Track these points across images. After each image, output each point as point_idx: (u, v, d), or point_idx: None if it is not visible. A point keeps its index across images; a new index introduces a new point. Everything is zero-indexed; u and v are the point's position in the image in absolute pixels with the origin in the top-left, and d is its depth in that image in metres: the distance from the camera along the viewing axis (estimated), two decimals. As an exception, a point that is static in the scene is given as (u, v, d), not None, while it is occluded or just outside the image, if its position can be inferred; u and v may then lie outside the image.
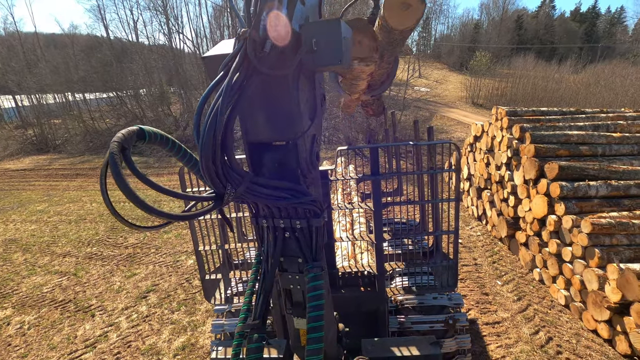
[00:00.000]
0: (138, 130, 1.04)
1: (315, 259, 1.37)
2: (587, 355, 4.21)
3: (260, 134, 1.32)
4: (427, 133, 3.82)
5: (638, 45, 46.07)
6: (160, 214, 0.98)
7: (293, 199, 1.27)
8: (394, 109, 18.54)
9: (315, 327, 1.30)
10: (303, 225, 1.33)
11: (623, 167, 5.53)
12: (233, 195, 1.10)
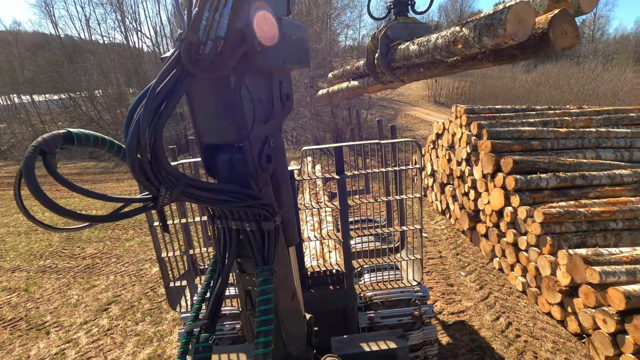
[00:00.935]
0: (65, 134, 1.01)
1: (266, 262, 1.36)
2: (542, 337, 4.50)
3: (208, 136, 1.31)
4: (391, 132, 3.92)
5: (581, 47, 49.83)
6: (77, 217, 0.98)
7: (238, 202, 1.26)
8: (359, 108, 18.83)
9: (263, 331, 1.30)
10: (253, 228, 1.33)
11: (569, 160, 5.96)
12: (169, 197, 1.09)
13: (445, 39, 2.27)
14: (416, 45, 2.64)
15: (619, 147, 6.47)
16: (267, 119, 1.32)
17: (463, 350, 4.35)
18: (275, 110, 1.36)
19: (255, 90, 1.26)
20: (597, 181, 5.61)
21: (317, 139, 17.12)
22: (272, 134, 1.34)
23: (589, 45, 49.77)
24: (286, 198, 1.73)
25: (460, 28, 2.09)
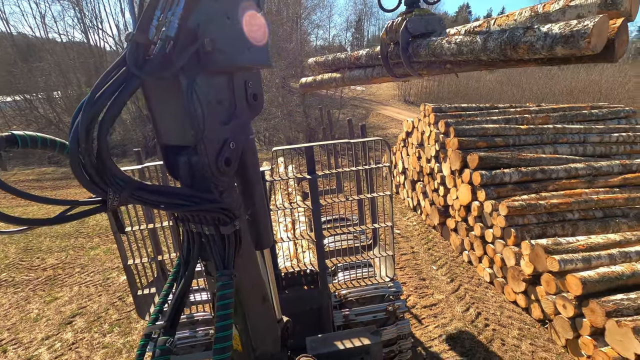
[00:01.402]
0: (8, 136, 0.99)
1: (226, 266, 1.35)
2: (509, 324, 4.71)
3: (166, 137, 1.28)
4: (360, 131, 3.97)
5: (539, 47, 52.45)
6: (14, 221, 0.96)
7: (194, 206, 1.24)
8: (331, 107, 18.94)
9: (221, 337, 1.28)
10: (212, 232, 1.31)
11: (530, 155, 6.28)
12: (118, 200, 1.08)
13: (499, 43, 2.22)
14: (454, 44, 2.54)
15: (573, 142, 6.88)
16: (228, 120, 1.30)
17: (436, 341, 4.49)
18: (238, 111, 1.34)
19: (213, 91, 1.23)
20: (555, 175, 5.94)
21: (289, 139, 17.05)
22: (233, 135, 1.31)
23: (546, 46, 52.46)
24: (259, 200, 1.71)
25: (523, 33, 2.04)
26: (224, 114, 1.29)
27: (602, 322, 3.67)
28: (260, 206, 1.74)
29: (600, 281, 3.96)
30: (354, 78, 3.87)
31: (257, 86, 1.46)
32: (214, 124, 1.23)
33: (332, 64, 4.11)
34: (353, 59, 3.77)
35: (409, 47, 2.76)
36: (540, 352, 4.26)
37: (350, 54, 3.83)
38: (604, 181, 5.91)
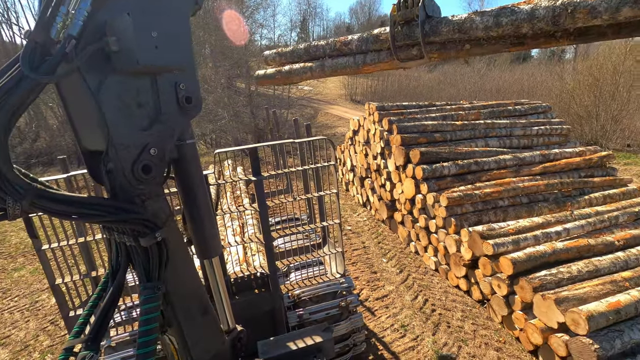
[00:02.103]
0: None
1: (149, 279, 1.29)
2: (453, 308, 5.04)
3: (84, 141, 1.19)
4: (306, 130, 3.98)
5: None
6: None
7: (107, 217, 1.16)
8: (278, 107, 18.80)
9: (142, 354, 1.23)
10: (132, 244, 1.24)
11: (465, 149, 6.77)
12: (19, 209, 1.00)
13: (551, 10, 2.12)
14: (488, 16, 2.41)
15: (501, 135, 7.54)
16: (149, 124, 1.22)
17: (388, 331, 4.66)
18: (164, 115, 1.27)
19: (128, 93, 1.15)
20: (487, 166, 6.47)
21: (238, 141, 16.64)
22: (157, 141, 1.24)
23: (476, 48, 56.83)
24: (203, 208, 1.64)
25: None
26: (145, 118, 1.21)
27: (530, 297, 4.07)
28: (205, 214, 1.67)
29: (528, 260, 4.38)
30: (337, 66, 3.52)
31: (191, 89, 1.38)
32: (129, 128, 1.15)
33: (306, 54, 3.75)
34: (339, 45, 3.44)
35: (425, 24, 2.65)
36: (481, 330, 4.61)
37: (335, 40, 3.50)
38: (527, 170, 6.56)
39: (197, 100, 1.41)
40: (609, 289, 3.95)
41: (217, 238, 1.84)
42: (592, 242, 4.70)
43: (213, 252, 1.82)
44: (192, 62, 1.38)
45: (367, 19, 63.83)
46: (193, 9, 1.41)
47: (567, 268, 4.29)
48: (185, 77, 1.36)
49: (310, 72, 3.68)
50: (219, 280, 1.96)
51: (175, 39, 1.27)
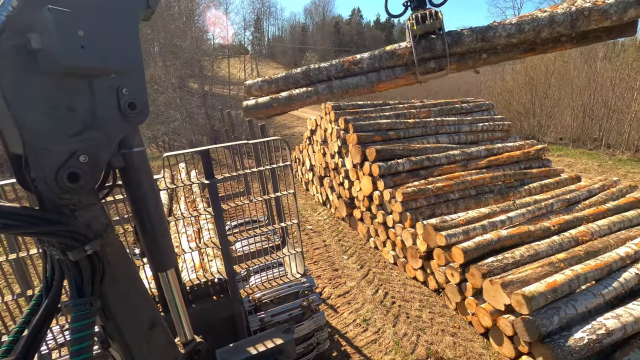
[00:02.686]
0: None
1: (81, 295, 1.22)
2: (411, 299, 5.24)
3: (10, 145, 1.10)
4: (260, 131, 3.94)
5: (420, 50, 59.38)
6: None
7: (24, 227, 1.08)
8: (236, 108, 18.41)
9: None
10: (61, 257, 1.16)
11: (418, 146, 7.06)
12: None
13: (569, 15, 2.55)
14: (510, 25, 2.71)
15: (450, 132, 7.96)
16: (81, 130, 1.14)
17: (351, 326, 4.74)
18: (100, 121, 1.19)
19: (55, 96, 1.07)
20: (438, 161, 6.80)
21: (192, 143, 16.04)
22: (88, 148, 1.16)
23: (426, 49, 59.55)
24: (155, 219, 1.57)
25: (592, 4, 2.49)
26: (77, 123, 1.13)
27: (479, 283, 4.34)
28: (158, 225, 1.60)
29: (477, 249, 4.67)
30: (348, 86, 3.37)
31: (136, 94, 1.30)
32: (54, 132, 1.07)
33: (305, 78, 3.49)
34: (348, 65, 3.34)
35: (446, 36, 2.79)
36: (437, 317, 4.84)
37: (341, 60, 3.39)
38: (474, 164, 6.98)
39: (142, 106, 1.34)
40: (547, 270, 4.31)
41: (171, 249, 1.77)
42: (532, 229, 5.11)
43: (168, 265, 1.75)
44: (137, 66, 1.31)
45: (322, 19, 64.42)
46: (143, 12, 1.34)
47: (511, 254, 4.62)
48: (129, 82, 1.29)
49: (316, 95, 3.43)
50: (175, 291, 1.88)
51: (111, 40, 1.20)
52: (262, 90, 3.63)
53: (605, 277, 4.37)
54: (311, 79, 3.50)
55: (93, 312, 1.20)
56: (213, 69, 19.95)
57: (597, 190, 6.58)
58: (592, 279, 4.29)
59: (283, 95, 3.49)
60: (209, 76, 19.38)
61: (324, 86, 3.41)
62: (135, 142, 1.50)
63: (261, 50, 55.40)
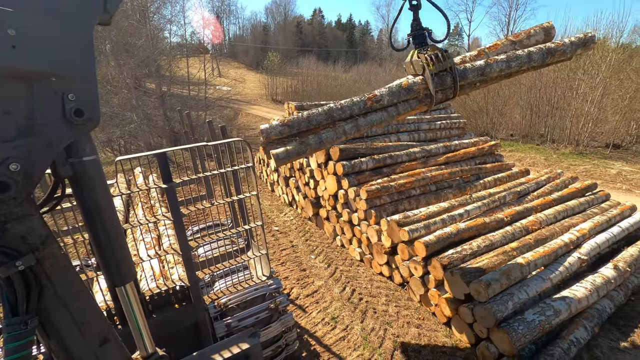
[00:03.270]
0: None
1: (15, 314, 1.13)
2: (378, 294, 5.36)
3: None
4: (221, 132, 3.85)
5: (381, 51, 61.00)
6: None
7: None
8: (196, 109, 17.86)
9: None
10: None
11: (380, 144, 7.22)
12: None
13: (542, 54, 3.63)
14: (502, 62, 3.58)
15: (410, 130, 8.23)
16: (15, 135, 1.06)
17: (320, 325, 4.76)
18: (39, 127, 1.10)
19: None
20: (400, 159, 7.00)
21: (151, 146, 15.35)
22: (22, 156, 1.07)
23: (387, 49, 61.07)
24: (111, 230, 1.48)
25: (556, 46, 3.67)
26: (10, 128, 1.04)
27: (441, 274, 4.52)
28: (113, 237, 1.52)
29: (437, 242, 4.86)
30: (372, 122, 3.74)
31: (85, 100, 1.23)
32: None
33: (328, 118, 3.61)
34: (370, 103, 3.61)
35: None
36: (403, 310, 4.99)
37: (364, 99, 3.60)
38: (434, 161, 7.26)
39: (91, 113, 1.26)
40: (501, 259, 4.58)
41: (129, 261, 1.69)
42: (487, 220, 5.40)
43: (126, 278, 1.67)
44: (87, 70, 1.24)
45: (284, 19, 64.11)
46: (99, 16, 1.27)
47: (469, 245, 4.86)
48: (77, 87, 1.21)
49: (344, 135, 3.69)
50: (135, 304, 1.79)
51: (51, 42, 1.12)
52: (282, 135, 3.66)
53: (552, 262, 4.72)
54: (334, 119, 3.68)
55: (29, 332, 1.11)
56: (171, 69, 19.17)
57: (543, 182, 7.08)
58: (541, 265, 4.62)
59: (313, 140, 3.63)
60: (167, 76, 18.61)
61: (351, 125, 3.67)
62: (86, 150, 1.42)
63: (222, 49, 54.11)
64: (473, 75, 3.59)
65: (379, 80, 29.36)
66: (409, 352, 4.26)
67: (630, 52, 15.75)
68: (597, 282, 4.53)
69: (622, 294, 4.84)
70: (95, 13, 1.25)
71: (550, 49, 3.70)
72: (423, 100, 3.72)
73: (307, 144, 3.66)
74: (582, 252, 4.92)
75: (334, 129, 3.70)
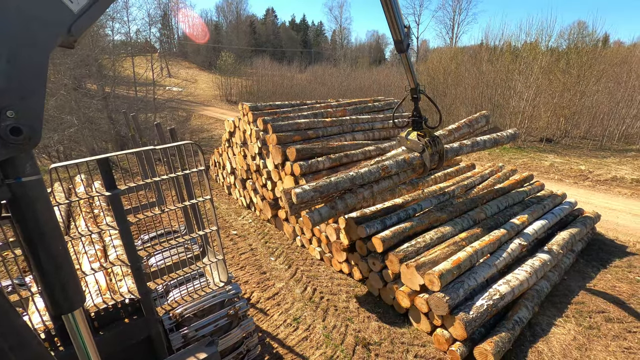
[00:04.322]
0: None
1: None
2: (339, 291, 5.43)
3: None
4: (170, 135, 3.68)
5: (335, 52, 61.86)
6: None
7: None
8: (145, 111, 16.93)
9: None
10: None
11: (336, 144, 7.32)
12: None
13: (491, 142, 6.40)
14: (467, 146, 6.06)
15: (365, 129, 8.43)
16: None
17: (282, 327, 4.73)
18: None
19: None
20: (356, 157, 7.13)
21: (94, 151, 14.31)
22: None
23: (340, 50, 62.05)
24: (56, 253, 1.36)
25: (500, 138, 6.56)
26: None
27: (397, 268, 4.69)
28: (60, 263, 1.40)
29: (393, 237, 5.03)
30: (382, 189, 5.41)
31: (26, 118, 1.16)
32: None
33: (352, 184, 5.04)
34: (383, 173, 5.24)
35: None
36: (364, 305, 5.10)
37: (379, 169, 5.20)
38: (388, 158, 7.50)
39: (31, 133, 1.20)
40: (452, 249, 4.85)
41: (77, 286, 1.57)
42: (438, 213, 5.69)
43: (75, 304, 1.55)
44: (30, 88, 1.17)
45: (236, 18, 62.77)
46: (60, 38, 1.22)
47: (422, 238, 5.09)
48: (17, 104, 1.13)
49: (363, 200, 5.26)
50: (83, 329, 1.67)
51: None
52: (313, 200, 4.89)
53: (497, 249, 5.08)
54: (355, 184, 5.09)
55: None
56: (115, 69, 17.95)
57: (487, 175, 7.60)
58: (488, 253, 4.95)
59: (341, 204, 5.07)
60: (111, 76, 17.40)
61: (368, 192, 5.31)
62: (26, 169, 1.31)
63: (171, 48, 51.72)
64: (451, 154, 5.75)
65: (333, 82, 29.74)
66: (370, 345, 4.37)
67: (558, 55, 17.40)
68: (536, 265, 4.95)
69: (556, 274, 5.34)
70: (54, 36, 1.20)
71: (496, 139, 6.46)
72: (417, 170, 5.58)
73: (335, 208, 5.09)
74: (522, 239, 5.35)
75: (356, 194, 5.21)
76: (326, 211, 5.01)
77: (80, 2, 1.30)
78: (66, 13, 1.26)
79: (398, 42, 4.82)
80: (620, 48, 23.91)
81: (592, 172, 11.63)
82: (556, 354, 4.20)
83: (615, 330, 4.54)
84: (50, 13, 1.22)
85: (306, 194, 4.76)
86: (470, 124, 6.83)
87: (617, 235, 7.28)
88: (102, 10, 1.47)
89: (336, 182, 4.88)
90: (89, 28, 1.64)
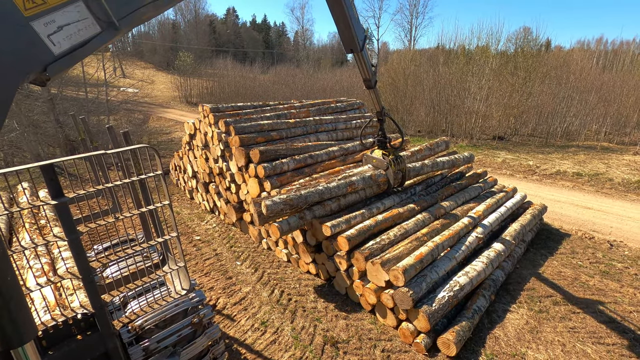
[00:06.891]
0: None
1: None
2: (306, 292, 5.43)
3: None
4: (124, 139, 3.51)
5: (298, 53, 61.88)
6: None
7: None
8: (97, 114, 15.96)
9: None
10: None
11: (300, 145, 7.32)
12: None
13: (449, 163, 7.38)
14: (428, 166, 6.76)
15: (328, 130, 8.51)
16: None
17: (249, 332, 4.64)
18: None
19: None
20: (320, 158, 7.18)
21: (40, 157, 13.26)
22: None
23: (303, 51, 62.18)
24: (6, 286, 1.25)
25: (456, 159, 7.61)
26: None
27: (363, 266, 4.77)
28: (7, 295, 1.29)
29: (358, 235, 5.11)
30: (349, 203, 5.89)
31: None
32: None
33: (320, 197, 5.41)
34: (350, 190, 5.73)
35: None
36: (331, 305, 5.14)
37: (347, 185, 5.66)
38: (351, 158, 7.62)
39: None
40: (415, 245, 5.02)
41: (29, 319, 1.45)
42: (401, 210, 5.86)
43: (26, 337, 1.44)
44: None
45: (195, 17, 60.92)
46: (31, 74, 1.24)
47: (387, 235, 5.22)
48: None
49: (331, 211, 5.60)
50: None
51: None
52: (283, 212, 5.19)
53: (456, 243, 5.32)
54: (324, 198, 5.47)
55: None
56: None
57: (446, 173, 7.94)
58: (448, 246, 5.17)
59: (308, 215, 5.41)
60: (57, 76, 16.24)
61: (336, 205, 5.69)
62: None
63: (125, 47, 49.12)
64: (413, 173, 6.37)
65: (296, 82, 29.71)
66: (339, 343, 4.41)
67: (507, 58, 18.57)
68: (491, 256, 5.24)
69: (510, 263, 5.69)
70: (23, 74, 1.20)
71: (454, 161, 7.44)
72: (382, 187, 6.24)
73: (304, 219, 5.37)
74: (479, 232, 5.65)
75: (324, 206, 5.57)
76: (294, 221, 5.29)
77: (63, 46, 1.28)
78: (46, 53, 1.24)
79: (367, 80, 5.27)
80: (560, 52, 26.03)
81: (539, 167, 12.54)
82: (511, 338, 4.47)
83: (562, 312, 4.92)
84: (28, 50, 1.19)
85: (276, 206, 5.00)
86: (432, 147, 7.81)
87: (561, 224, 7.89)
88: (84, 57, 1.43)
89: (306, 196, 5.24)
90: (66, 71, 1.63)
